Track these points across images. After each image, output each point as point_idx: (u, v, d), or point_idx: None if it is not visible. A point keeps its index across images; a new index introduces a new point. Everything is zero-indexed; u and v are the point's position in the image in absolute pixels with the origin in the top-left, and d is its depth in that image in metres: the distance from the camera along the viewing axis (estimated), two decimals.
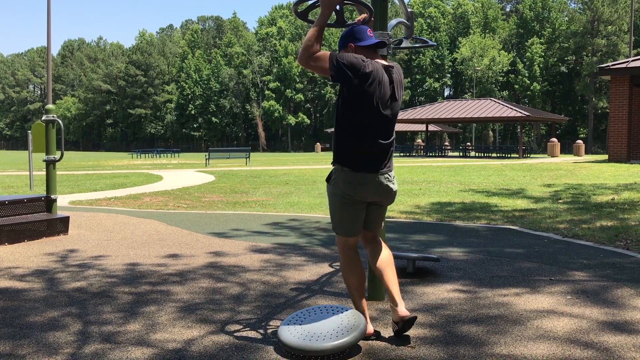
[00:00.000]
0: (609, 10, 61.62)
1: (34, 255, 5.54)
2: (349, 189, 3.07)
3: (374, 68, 2.98)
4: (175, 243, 6.21)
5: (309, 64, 2.96)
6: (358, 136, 3.03)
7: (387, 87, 3.04)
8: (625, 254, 5.46)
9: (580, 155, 33.47)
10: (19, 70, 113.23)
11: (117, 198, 11.15)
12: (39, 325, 3.40)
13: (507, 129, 73.57)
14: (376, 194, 3.12)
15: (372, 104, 2.99)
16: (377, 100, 3.00)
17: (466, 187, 12.74)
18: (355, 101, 2.99)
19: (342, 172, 3.06)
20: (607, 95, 57.08)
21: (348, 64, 2.93)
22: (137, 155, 47.77)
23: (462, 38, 72.76)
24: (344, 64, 2.93)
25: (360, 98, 2.98)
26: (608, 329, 3.29)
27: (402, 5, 4.31)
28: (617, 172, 16.36)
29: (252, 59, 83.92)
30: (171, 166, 25.93)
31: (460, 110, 36.92)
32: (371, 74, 2.96)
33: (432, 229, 7.09)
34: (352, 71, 2.93)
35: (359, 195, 3.09)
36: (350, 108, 3.02)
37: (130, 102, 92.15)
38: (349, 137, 3.05)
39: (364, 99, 2.98)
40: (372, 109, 3.00)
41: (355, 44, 3.13)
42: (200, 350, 2.99)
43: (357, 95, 2.98)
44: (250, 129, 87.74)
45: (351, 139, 3.04)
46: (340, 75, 2.95)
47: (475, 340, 3.12)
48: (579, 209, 8.68)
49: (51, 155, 7.04)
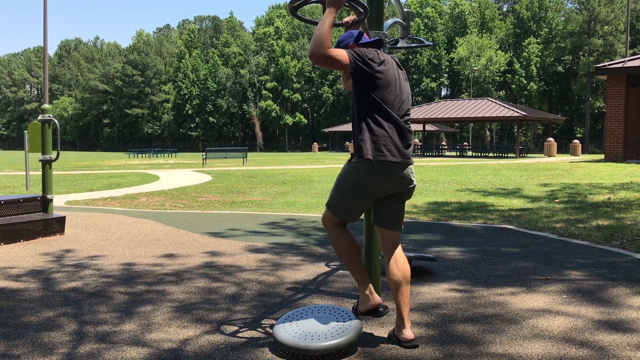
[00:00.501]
0: (605, 10, 61.74)
1: (30, 255, 5.52)
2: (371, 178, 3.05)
3: (382, 56, 3.08)
4: (171, 243, 6.21)
5: (323, 59, 2.96)
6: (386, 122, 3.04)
7: (399, 71, 3.15)
8: (621, 253, 5.47)
9: (576, 155, 33.54)
10: (16, 70, 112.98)
11: (114, 198, 11.13)
12: (34, 325, 3.39)
13: (504, 128, 73.69)
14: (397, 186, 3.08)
15: (394, 89, 3.04)
16: (396, 85, 3.06)
17: (463, 187, 12.75)
18: (379, 87, 3.02)
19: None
20: (604, 95, 57.20)
21: (365, 54, 3.02)
22: (134, 155, 47.70)
23: (459, 38, 72.82)
24: (362, 54, 3.01)
25: (384, 84, 3.02)
26: (603, 328, 3.30)
27: (398, 5, 4.31)
28: (614, 171, 16.40)
29: (250, 58, 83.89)
30: (168, 166, 25.90)
31: (458, 110, 36.97)
32: (385, 62, 3.05)
33: (429, 229, 7.09)
34: (371, 61, 3.00)
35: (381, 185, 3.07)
36: (373, 96, 3.03)
37: (127, 102, 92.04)
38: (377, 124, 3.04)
39: (387, 84, 3.03)
40: (393, 94, 3.05)
41: (355, 42, 3.16)
42: (195, 350, 2.99)
43: (380, 82, 3.01)
44: (248, 129, 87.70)
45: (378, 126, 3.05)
46: (359, 67, 2.99)
47: (471, 339, 3.12)
48: (575, 209, 8.69)
49: (47, 155, 7.03)
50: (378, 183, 3.01)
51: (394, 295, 3.08)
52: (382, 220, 3.15)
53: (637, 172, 16.00)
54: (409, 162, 3.06)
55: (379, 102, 3.01)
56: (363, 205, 3.13)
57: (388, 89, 3.02)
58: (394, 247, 3.16)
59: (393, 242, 3.16)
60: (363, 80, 3.02)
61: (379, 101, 3.01)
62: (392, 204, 3.13)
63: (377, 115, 3.01)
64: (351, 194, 3.07)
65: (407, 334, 3.02)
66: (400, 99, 3.06)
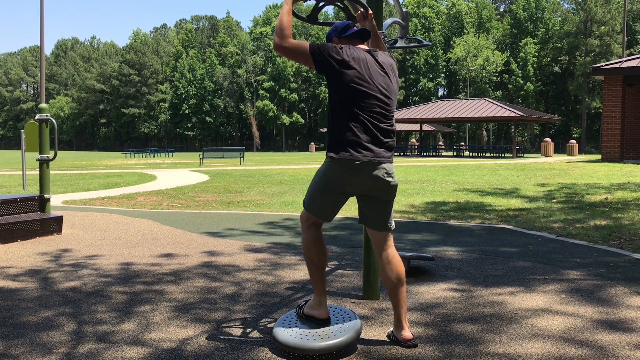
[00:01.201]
0: (602, 11, 61.88)
1: (28, 255, 5.51)
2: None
3: (353, 51, 2.96)
4: (169, 242, 6.19)
5: (283, 50, 2.94)
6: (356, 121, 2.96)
7: (374, 67, 3.00)
8: (618, 252, 5.48)
9: (573, 155, 33.63)
10: (12, 69, 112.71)
11: (111, 197, 11.11)
12: (33, 325, 3.38)
13: (500, 128, 73.81)
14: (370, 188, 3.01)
15: (364, 86, 2.94)
16: (368, 83, 2.95)
17: (460, 187, 12.76)
18: (345, 85, 2.94)
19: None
20: (600, 95, 57.36)
21: (327, 48, 2.95)
22: (131, 154, 47.63)
23: (456, 38, 72.90)
24: (324, 49, 2.94)
25: (349, 81, 2.93)
26: (602, 327, 3.30)
27: (397, 5, 4.31)
28: (611, 171, 16.44)
29: (247, 58, 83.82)
30: (165, 166, 25.86)
31: (454, 110, 37.00)
32: (348, 54, 2.94)
33: (427, 228, 7.09)
34: (330, 56, 2.92)
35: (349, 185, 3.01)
36: (340, 93, 2.97)
37: (123, 102, 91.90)
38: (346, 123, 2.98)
39: (354, 82, 2.93)
40: (360, 92, 2.94)
41: (339, 36, 3.14)
42: (195, 349, 2.98)
43: (342, 77, 2.93)
44: (245, 129, 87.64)
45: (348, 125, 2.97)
46: (323, 62, 2.94)
47: (470, 339, 3.13)
48: (572, 209, 8.71)
49: (45, 154, 7.01)
50: (347, 181, 2.96)
51: (389, 296, 3.06)
52: (367, 220, 3.12)
53: (634, 172, 16.05)
54: (381, 161, 2.95)
55: (346, 100, 2.94)
56: (335, 203, 3.09)
57: (355, 87, 2.93)
58: (384, 246, 3.09)
59: (382, 242, 3.09)
60: (328, 76, 2.98)
61: (347, 99, 2.94)
62: (374, 204, 3.06)
63: (344, 113, 2.95)
64: (324, 191, 3.05)
65: (406, 334, 2.99)
66: (372, 97, 2.95)
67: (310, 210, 3.12)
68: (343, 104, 2.96)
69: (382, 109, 2.99)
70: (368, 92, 2.95)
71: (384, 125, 2.98)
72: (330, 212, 3.13)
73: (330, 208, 3.10)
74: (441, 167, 20.76)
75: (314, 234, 3.15)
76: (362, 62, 2.96)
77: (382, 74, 3.02)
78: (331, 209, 3.11)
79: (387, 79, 3.04)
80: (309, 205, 3.13)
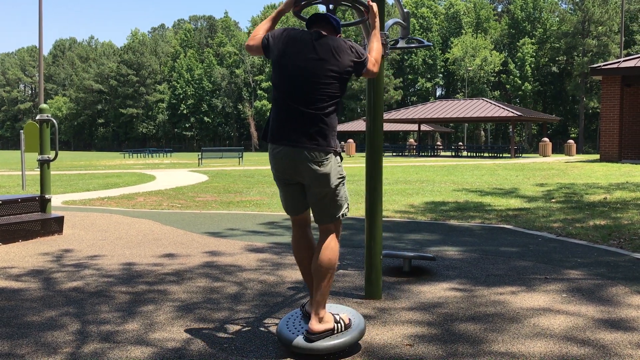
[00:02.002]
0: (599, 11, 61.98)
1: (29, 255, 5.51)
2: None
3: (292, 36, 2.96)
4: (170, 243, 6.20)
5: (247, 46, 3.11)
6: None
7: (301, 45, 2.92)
8: (618, 252, 5.50)
9: (571, 155, 33.68)
10: (9, 69, 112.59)
11: (111, 198, 11.11)
12: (37, 325, 3.39)
13: (498, 128, 73.87)
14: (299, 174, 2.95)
15: (284, 69, 2.93)
16: (289, 65, 2.91)
17: (459, 187, 12.79)
18: (273, 68, 3.02)
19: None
20: (598, 95, 57.44)
21: (270, 35, 3.05)
22: (129, 155, 47.61)
23: (454, 38, 73.00)
24: (268, 35, 3.05)
25: (275, 65, 2.98)
26: (604, 326, 3.32)
27: (399, 6, 4.32)
28: (609, 171, 16.48)
29: (245, 58, 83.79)
30: (164, 166, 25.85)
31: (453, 110, 37.05)
32: (286, 41, 2.96)
33: (427, 228, 7.11)
34: (269, 40, 3.02)
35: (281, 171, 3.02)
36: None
37: (121, 102, 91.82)
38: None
39: (277, 65, 2.97)
40: (281, 75, 2.95)
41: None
42: (199, 349, 2.99)
43: (274, 62, 2.99)
44: (243, 129, 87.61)
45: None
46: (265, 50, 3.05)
47: (473, 338, 3.14)
48: (572, 208, 8.74)
49: (45, 154, 7.01)
50: (275, 166, 2.99)
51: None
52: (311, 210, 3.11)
53: (632, 172, 16.09)
54: (297, 147, 2.84)
55: (273, 83, 3.02)
56: (284, 193, 3.08)
57: (277, 70, 2.96)
58: (324, 237, 3.00)
59: (323, 232, 3.01)
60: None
61: (273, 82, 3.02)
62: (309, 195, 3.00)
63: (273, 98, 3.02)
64: (276, 182, 3.10)
65: (312, 324, 2.89)
66: (290, 80, 2.88)
67: (283, 207, 3.17)
68: (273, 87, 3.05)
69: (302, 95, 2.86)
70: (289, 77, 2.90)
71: (305, 111, 2.85)
72: (287, 204, 3.12)
73: (285, 199, 3.11)
74: (440, 167, 20.79)
75: (295, 235, 3.17)
76: (291, 45, 2.93)
77: (312, 57, 2.88)
78: (286, 200, 3.11)
79: (317, 62, 2.87)
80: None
